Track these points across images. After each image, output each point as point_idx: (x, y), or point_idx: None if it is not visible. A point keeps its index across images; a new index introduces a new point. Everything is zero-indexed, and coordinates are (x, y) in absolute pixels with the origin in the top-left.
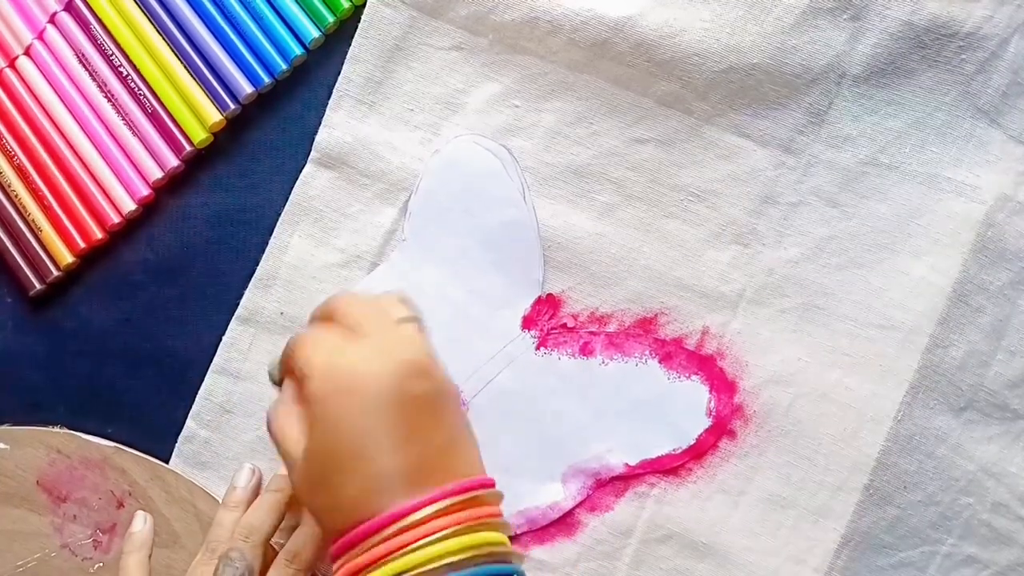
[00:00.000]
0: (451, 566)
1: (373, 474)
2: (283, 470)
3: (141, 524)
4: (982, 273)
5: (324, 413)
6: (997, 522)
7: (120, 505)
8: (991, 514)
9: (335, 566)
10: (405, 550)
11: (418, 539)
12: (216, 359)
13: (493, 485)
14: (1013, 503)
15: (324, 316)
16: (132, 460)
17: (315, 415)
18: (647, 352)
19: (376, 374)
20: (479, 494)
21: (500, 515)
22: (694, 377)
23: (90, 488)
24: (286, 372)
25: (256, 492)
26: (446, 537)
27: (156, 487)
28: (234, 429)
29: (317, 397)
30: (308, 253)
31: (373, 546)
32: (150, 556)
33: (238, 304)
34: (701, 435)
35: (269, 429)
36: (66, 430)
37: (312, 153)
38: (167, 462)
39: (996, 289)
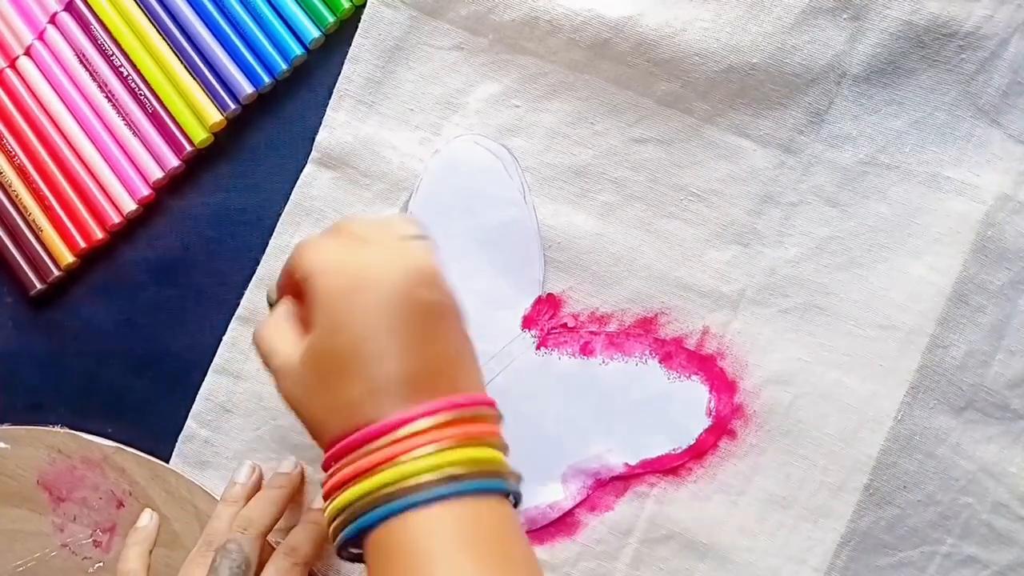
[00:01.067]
0: (442, 480)
1: (375, 376)
2: (284, 468)
3: (147, 520)
4: (982, 273)
5: (330, 310)
6: (997, 522)
7: (120, 505)
8: (991, 514)
9: (325, 476)
10: (394, 461)
11: (409, 450)
12: (216, 359)
13: (494, 405)
14: (1013, 503)
15: (335, 227)
16: (132, 460)
17: (321, 313)
18: (647, 352)
19: (387, 275)
20: (479, 411)
21: (498, 434)
22: (694, 377)
23: (90, 488)
24: (283, 290)
25: (256, 488)
26: (440, 451)
27: (156, 487)
28: (235, 429)
29: (323, 294)
30: None
31: (364, 455)
32: (151, 551)
33: (238, 304)
34: (701, 435)
35: (256, 343)
36: (66, 430)
37: (313, 153)
38: (167, 462)
39: (996, 289)
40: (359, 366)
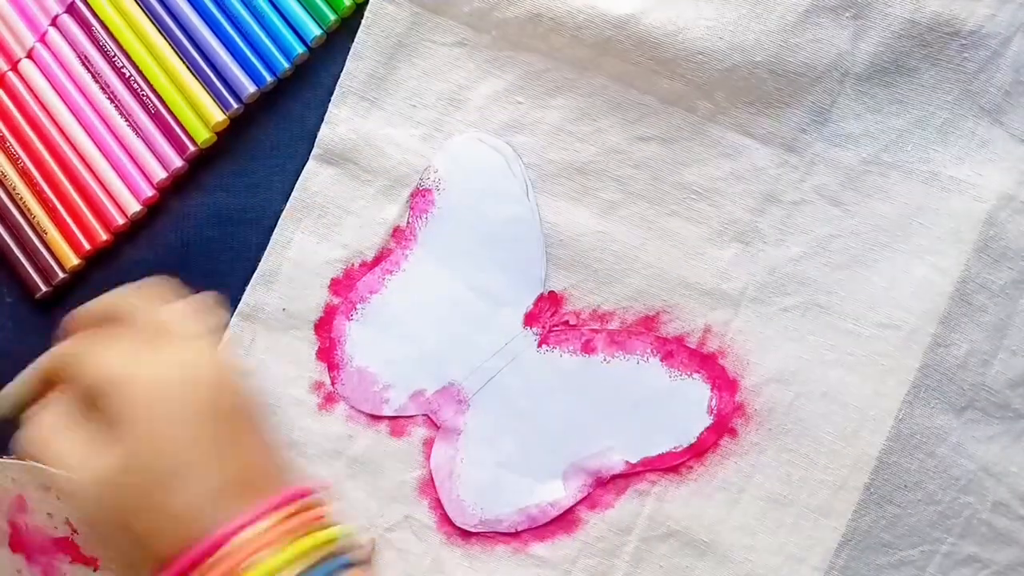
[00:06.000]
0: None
1: (199, 489)
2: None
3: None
4: (984, 272)
5: (136, 426)
6: (997, 521)
7: (75, 532)
8: (991, 513)
9: None
10: (243, 565)
11: (253, 553)
12: None
13: (313, 491)
14: (1014, 502)
15: (108, 318)
16: None
17: (126, 430)
18: (649, 350)
19: (190, 383)
20: (306, 501)
21: (329, 515)
22: (696, 375)
23: (43, 516)
24: (49, 388)
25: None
26: (283, 548)
27: None
28: None
29: (126, 409)
30: (311, 249)
31: (210, 568)
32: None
33: (239, 302)
34: (702, 433)
35: (37, 452)
36: (22, 460)
37: (315, 149)
38: None
39: (998, 288)
40: (178, 481)
